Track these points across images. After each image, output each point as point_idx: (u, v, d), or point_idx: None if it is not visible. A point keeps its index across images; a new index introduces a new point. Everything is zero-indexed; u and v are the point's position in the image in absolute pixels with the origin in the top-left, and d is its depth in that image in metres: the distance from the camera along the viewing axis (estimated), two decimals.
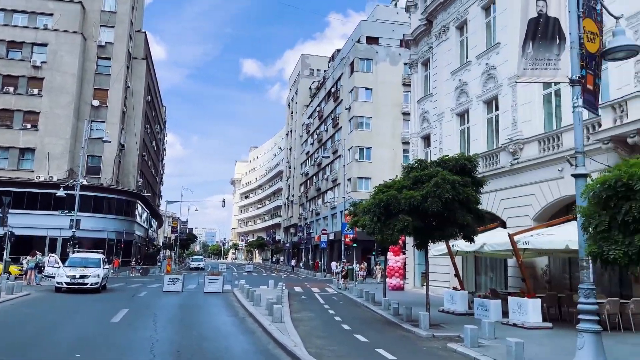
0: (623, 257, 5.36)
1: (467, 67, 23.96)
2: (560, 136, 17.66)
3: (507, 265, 20.24)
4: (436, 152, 25.05)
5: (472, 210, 12.99)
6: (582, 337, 7.01)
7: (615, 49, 7.72)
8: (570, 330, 12.97)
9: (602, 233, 5.61)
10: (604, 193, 5.59)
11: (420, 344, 11.19)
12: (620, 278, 16.16)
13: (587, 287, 7.17)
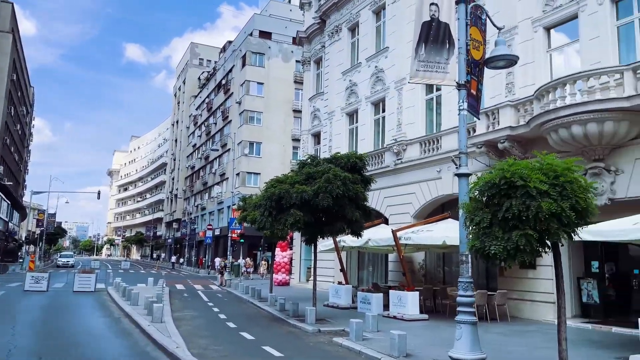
0: (502, 252, 5.70)
1: (357, 69, 24.63)
2: (440, 139, 18.82)
3: (388, 260, 21.16)
4: (326, 150, 25.45)
5: (360, 206, 13.29)
6: (460, 329, 7.40)
7: (496, 58, 8.28)
8: (444, 320, 13.88)
9: (484, 229, 5.92)
10: (488, 191, 5.91)
11: (306, 340, 11.18)
12: (486, 271, 17.64)
13: (466, 281, 7.59)
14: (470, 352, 7.27)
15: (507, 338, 11.10)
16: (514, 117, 15.11)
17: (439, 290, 16.42)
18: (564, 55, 15.28)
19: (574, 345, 10.36)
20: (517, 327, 12.81)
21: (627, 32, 13.50)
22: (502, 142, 15.15)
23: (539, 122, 13.70)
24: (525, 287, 14.95)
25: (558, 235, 5.73)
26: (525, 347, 10.09)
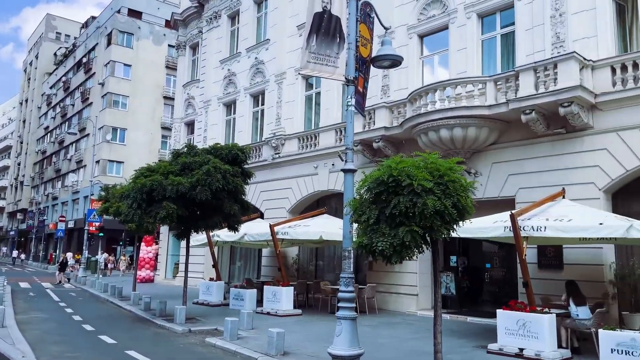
0: (389, 248, 5.73)
1: (237, 58, 23.94)
2: (318, 136, 19.02)
3: (262, 255, 20.91)
4: (200, 140, 24.37)
5: (239, 200, 12.83)
6: (341, 325, 7.39)
7: (383, 57, 8.41)
8: (317, 315, 14.01)
9: (372, 226, 5.91)
10: (376, 188, 5.90)
11: (176, 341, 10.45)
12: (356, 266, 18.22)
13: (348, 277, 7.59)
14: (349, 347, 7.28)
15: (378, 330, 11.47)
16: (388, 118, 15.74)
17: (312, 284, 16.55)
18: (435, 62, 16.26)
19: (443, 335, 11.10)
20: (385, 319, 13.36)
21: (490, 46, 14.78)
22: (377, 141, 15.71)
23: (411, 124, 14.41)
24: (391, 281, 15.69)
25: (441, 232, 5.93)
26: (395, 338, 10.49)
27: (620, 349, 7.47)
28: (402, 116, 15.36)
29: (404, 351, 9.17)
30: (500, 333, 8.98)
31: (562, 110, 11.64)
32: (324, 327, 11.65)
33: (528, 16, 13.54)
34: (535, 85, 12.26)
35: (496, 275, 15.37)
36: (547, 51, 12.85)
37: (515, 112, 12.46)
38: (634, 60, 11.44)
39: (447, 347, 9.42)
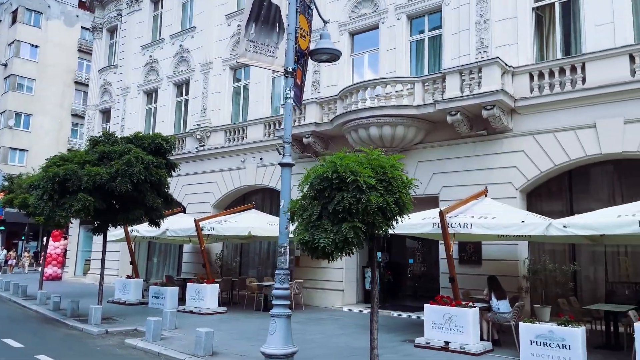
0: (331, 245, 5.62)
1: (159, 45, 22.83)
2: (246, 129, 18.60)
3: (183, 251, 20.14)
4: (117, 130, 22.94)
5: (162, 193, 12.18)
6: (275, 322, 7.18)
7: (322, 50, 8.28)
8: (242, 312, 13.67)
9: (314, 222, 5.76)
10: (320, 184, 5.75)
11: (92, 343, 9.70)
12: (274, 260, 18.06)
13: (283, 273, 7.40)
14: (283, 346, 7.10)
15: (306, 327, 11.38)
16: (318, 114, 15.69)
17: (237, 281, 16.15)
18: (365, 61, 16.40)
19: (364, 329, 11.08)
20: (312, 315, 13.31)
21: (419, 48, 15.17)
22: (307, 137, 15.61)
23: (341, 121, 14.46)
24: (318, 277, 15.69)
25: (382, 228, 5.91)
26: (324, 334, 10.45)
27: (539, 340, 7.91)
28: (333, 113, 15.38)
29: (335, 347, 9.14)
30: (427, 327, 9.21)
31: (485, 112, 12.18)
32: (251, 325, 11.38)
33: (455, 21, 14.03)
34: (460, 88, 12.74)
35: (418, 271, 15.87)
36: (471, 55, 13.39)
37: (442, 112, 12.87)
38: (550, 68, 12.21)
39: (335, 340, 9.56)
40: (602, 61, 11.49)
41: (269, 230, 13.47)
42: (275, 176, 17.34)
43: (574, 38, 12.61)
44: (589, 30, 11.97)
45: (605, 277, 11.84)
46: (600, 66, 11.49)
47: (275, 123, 17.56)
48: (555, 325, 7.89)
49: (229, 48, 19.78)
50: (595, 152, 11.40)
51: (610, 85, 11.21)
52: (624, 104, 11.10)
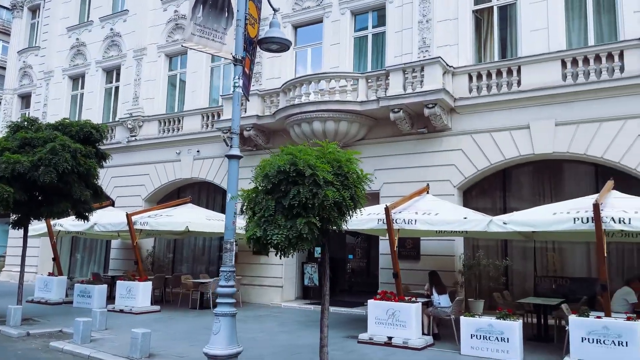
0: (284, 241, 5.38)
1: (88, 27, 21.41)
2: (182, 119, 17.86)
3: (110, 247, 19.07)
4: (39, 116, 21.24)
5: (91, 185, 11.36)
6: (219, 322, 6.83)
7: (271, 40, 7.98)
8: (177, 311, 13.07)
9: (267, 217, 5.50)
10: (275, 177, 5.49)
11: (12, 347, 8.83)
12: (218, 258, 17.54)
13: (229, 270, 7.07)
14: (228, 346, 6.78)
15: (247, 325, 11.04)
16: (260, 107, 15.33)
17: (171, 279, 15.47)
18: (309, 54, 16.18)
19: (306, 326, 11.04)
20: (251, 313, 12.98)
21: (362, 44, 15.18)
22: (248, 129, 15.20)
23: (284, 114, 14.19)
24: (256, 273, 15.36)
25: (337, 223, 5.75)
26: (265, 332, 10.17)
27: (479, 334, 8.12)
28: (275, 106, 15.08)
29: (279, 346, 8.90)
30: (370, 323, 9.19)
31: (426, 111, 12.37)
32: (188, 324, 10.89)
33: (398, 19, 14.16)
34: (403, 86, 12.87)
35: (357, 266, 15.95)
36: (414, 54, 13.57)
37: (385, 109, 12.95)
38: (488, 70, 12.61)
39: (316, 338, 9.39)
40: (536, 65, 12.01)
41: (207, 225, 12.98)
42: (213, 169, 16.79)
43: (511, 42, 13.10)
44: (524, 34, 12.46)
45: (534, 272, 12.41)
46: (535, 70, 12.00)
47: (214, 114, 16.98)
48: (495, 319, 8.12)
49: (165, 34, 18.90)
50: (529, 152, 11.90)
51: (544, 88, 11.74)
52: (556, 106, 11.66)
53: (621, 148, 10.83)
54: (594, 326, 7.28)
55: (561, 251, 12.30)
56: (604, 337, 7.16)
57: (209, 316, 11.96)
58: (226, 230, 7.12)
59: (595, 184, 11.75)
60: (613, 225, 7.32)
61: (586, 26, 12.10)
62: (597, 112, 11.15)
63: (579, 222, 7.65)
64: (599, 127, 11.11)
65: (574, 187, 12.05)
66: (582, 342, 7.31)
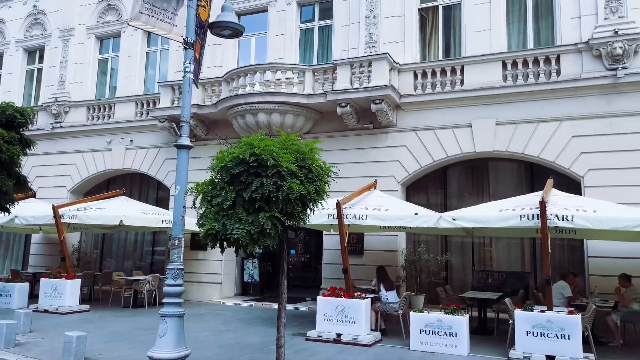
0: (245, 236, 5.05)
1: (7, 3, 19.58)
2: (113, 106, 16.80)
3: (30, 242, 17.64)
4: None
5: (13, 174, 10.32)
6: (166, 323, 6.38)
7: (224, 24, 7.54)
8: (108, 311, 12.26)
9: (226, 210, 5.14)
10: (235, 168, 5.14)
11: None
12: (152, 253, 16.73)
13: (177, 268, 6.60)
14: (175, 349, 6.36)
15: (188, 324, 10.39)
16: (201, 96, 14.70)
17: (100, 275, 14.50)
18: (252, 44, 15.70)
19: (249, 324, 10.71)
20: (191, 311, 12.33)
21: (308, 36, 14.93)
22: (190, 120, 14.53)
23: (227, 105, 13.69)
24: (194, 269, 14.75)
25: (300, 218, 5.49)
26: (209, 332, 9.73)
27: (428, 329, 8.18)
28: (217, 95, 14.53)
29: (226, 345, 8.51)
30: (319, 319, 9.03)
31: (373, 106, 12.37)
32: (122, 325, 10.21)
33: (345, 13, 14.05)
34: (350, 80, 12.78)
35: (299, 261, 15.75)
36: (360, 49, 13.53)
37: (332, 104, 12.82)
38: (433, 68, 12.81)
39: (263, 337, 9.15)
40: (478, 65, 12.33)
41: (143, 219, 12.25)
42: (147, 160, 15.95)
43: (455, 42, 13.38)
44: (468, 35, 12.76)
45: (472, 266, 12.80)
46: (477, 70, 12.32)
47: (149, 102, 16.11)
48: (443, 314, 8.22)
49: (96, 15, 17.68)
50: (470, 150, 12.21)
51: (485, 88, 12.08)
52: (496, 106, 12.03)
53: (556, 148, 11.36)
54: (538, 320, 7.53)
55: (497, 246, 12.76)
56: (547, 331, 7.43)
57: (143, 316, 11.34)
58: (174, 225, 6.66)
59: (531, 182, 12.30)
60: (557, 222, 7.60)
61: (525, 30, 12.58)
62: (535, 113, 11.62)
63: (525, 219, 7.88)
64: (536, 127, 11.59)
65: (510, 185, 12.55)
66: (527, 335, 7.55)
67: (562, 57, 11.62)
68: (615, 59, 10.98)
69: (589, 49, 11.29)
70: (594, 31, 11.29)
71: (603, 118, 11.04)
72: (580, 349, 7.25)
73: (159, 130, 15.45)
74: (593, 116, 11.13)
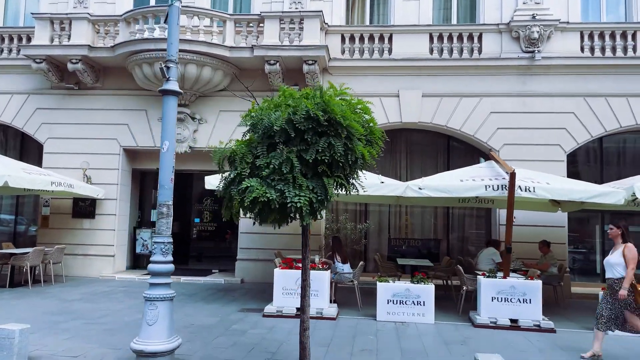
0: (307, 205, 4.19)
1: None
2: None
3: None
4: None
5: None
6: (156, 308, 5.14)
7: None
8: None
9: (284, 174, 4.20)
10: (303, 124, 4.17)
11: None
12: (15, 222, 13.96)
13: (166, 242, 5.32)
14: (168, 338, 5.21)
15: (95, 304, 8.90)
16: (90, 36, 12.38)
17: None
18: None
19: (180, 302, 9.44)
20: (86, 289, 10.59)
21: None
22: (75, 62, 12.17)
23: (129, 49, 11.73)
24: (78, 240, 12.66)
25: (354, 186, 4.78)
26: (139, 311, 8.32)
27: (396, 299, 8.08)
28: (112, 37, 12.39)
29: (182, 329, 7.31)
30: (277, 294, 8.33)
31: (305, 67, 11.68)
32: (21, 310, 8.23)
33: None
34: (279, 37, 11.88)
35: (205, 230, 14.51)
36: (285, 3, 12.62)
37: (257, 60, 11.80)
38: (362, 33, 12.50)
39: (213, 315, 8.16)
40: (407, 35, 12.37)
41: (30, 180, 9.94)
42: (11, 108, 13.08)
43: (384, 9, 13.23)
44: (397, 4, 12.68)
45: (389, 234, 13.10)
46: (405, 40, 12.36)
47: (19, 36, 13.09)
48: (410, 283, 8.18)
49: None
50: (397, 120, 12.29)
51: (412, 59, 12.20)
52: (423, 78, 12.25)
53: (476, 123, 12.01)
54: (503, 286, 7.90)
55: (413, 215, 13.21)
56: (511, 296, 7.85)
57: (35, 296, 9.42)
58: (162, 189, 5.37)
59: (447, 154, 12.92)
60: (521, 193, 7.98)
61: (451, 5, 12.95)
62: (459, 88, 12.10)
63: (490, 189, 8.14)
64: (459, 102, 12.09)
65: (429, 155, 13.02)
66: (492, 301, 7.89)
67: (484, 35, 12.22)
68: (531, 42, 11.88)
69: (509, 30, 12.05)
70: (514, 14, 12.06)
71: (518, 97, 11.94)
72: (540, 312, 7.81)
73: (30, 72, 12.72)
74: (510, 94, 11.97)
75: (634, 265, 6.04)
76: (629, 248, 6.04)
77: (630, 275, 5.98)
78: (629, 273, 5.98)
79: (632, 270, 6.01)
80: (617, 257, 6.09)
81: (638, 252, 6.11)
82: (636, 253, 6.03)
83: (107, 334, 6.80)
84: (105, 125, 12.83)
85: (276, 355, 5.91)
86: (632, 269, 6.00)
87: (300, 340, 5.06)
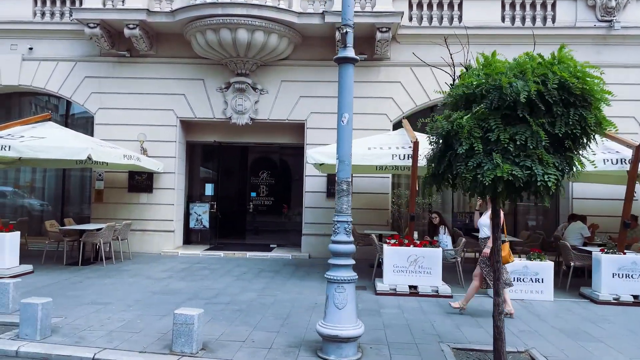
0: (555, 184, 3.88)
1: None
2: None
3: None
4: None
5: None
6: (344, 291, 4.84)
7: None
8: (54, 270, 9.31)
9: (531, 150, 3.86)
10: (555, 95, 3.82)
11: None
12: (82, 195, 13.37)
13: (347, 220, 4.98)
14: (357, 322, 4.94)
15: (193, 282, 8.52)
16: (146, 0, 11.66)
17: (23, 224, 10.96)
18: None
19: (260, 277, 9.13)
20: (164, 265, 10.23)
21: None
22: (132, 27, 11.48)
23: (193, 15, 11.11)
24: (135, 215, 12.21)
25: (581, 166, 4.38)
26: (239, 290, 7.98)
27: (513, 276, 7.89)
28: (169, 2, 11.66)
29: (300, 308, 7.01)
30: (387, 271, 8.06)
31: (379, 35, 11.24)
32: (117, 291, 7.82)
33: None
34: None
35: (262, 204, 14.13)
36: None
37: (328, 27, 11.29)
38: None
39: (316, 292, 7.87)
40: (478, 2, 12.15)
41: (106, 153, 9.38)
42: (57, 76, 12.41)
43: None
44: None
45: (452, 209, 12.91)
46: (476, 6, 12.16)
47: None
48: (527, 260, 8.00)
49: None
50: None
51: (484, 27, 11.79)
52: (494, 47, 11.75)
53: None
54: (624, 262, 7.77)
55: None
56: (632, 272, 7.74)
57: (115, 275, 9.01)
58: (341, 164, 4.98)
59: None
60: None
61: None
62: None
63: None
64: None
65: None
66: (613, 277, 7.75)
67: (558, 3, 11.97)
68: (607, 11, 11.62)
69: None
70: None
71: None
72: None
73: (77, 38, 12.03)
74: None
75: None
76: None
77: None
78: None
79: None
80: (485, 219, 6.68)
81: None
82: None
83: (241, 314, 6.48)
84: (160, 95, 12.23)
85: (457, 338, 5.68)
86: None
87: (496, 324, 4.82)
